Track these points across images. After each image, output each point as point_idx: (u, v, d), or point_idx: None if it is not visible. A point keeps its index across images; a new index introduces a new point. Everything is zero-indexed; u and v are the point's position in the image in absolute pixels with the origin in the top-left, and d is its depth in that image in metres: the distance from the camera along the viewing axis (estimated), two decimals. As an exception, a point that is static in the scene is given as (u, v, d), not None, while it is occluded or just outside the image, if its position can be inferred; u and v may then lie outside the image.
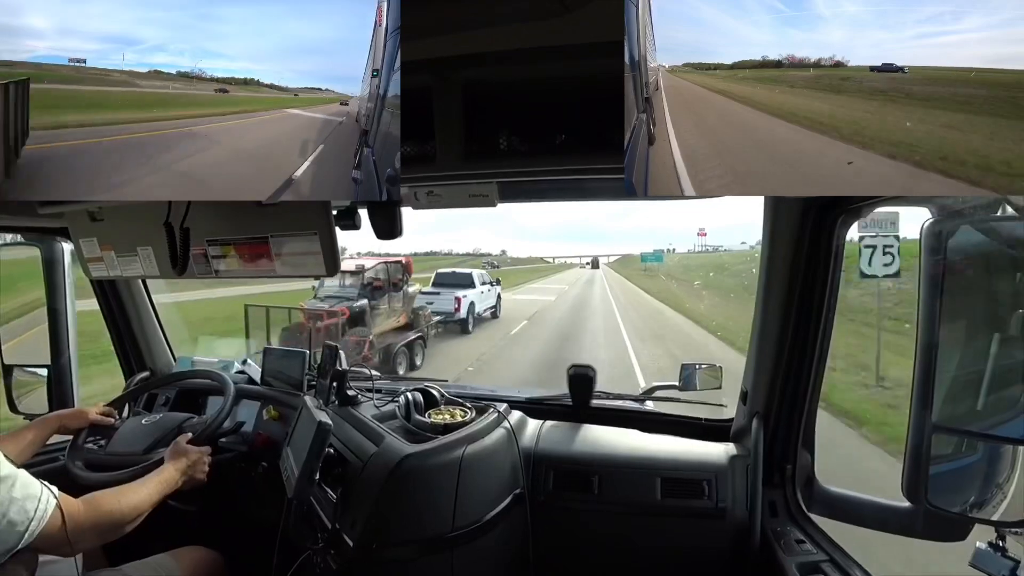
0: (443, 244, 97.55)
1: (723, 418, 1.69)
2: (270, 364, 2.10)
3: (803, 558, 1.27)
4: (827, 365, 1.39)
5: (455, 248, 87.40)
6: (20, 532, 1.09)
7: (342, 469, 1.45)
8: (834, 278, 1.31)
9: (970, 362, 0.96)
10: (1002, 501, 0.94)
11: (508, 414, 1.58)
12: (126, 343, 2.28)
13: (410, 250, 65.07)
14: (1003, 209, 0.92)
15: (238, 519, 1.92)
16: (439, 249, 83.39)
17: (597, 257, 72.25)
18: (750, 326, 1.47)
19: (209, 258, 1.45)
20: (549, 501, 1.50)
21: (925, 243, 0.95)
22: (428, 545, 1.33)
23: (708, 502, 1.44)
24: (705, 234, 24.71)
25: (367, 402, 1.74)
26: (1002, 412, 0.92)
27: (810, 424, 1.43)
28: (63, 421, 1.72)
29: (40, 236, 2.01)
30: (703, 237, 24.67)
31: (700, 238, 24.79)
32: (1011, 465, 0.94)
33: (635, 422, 1.70)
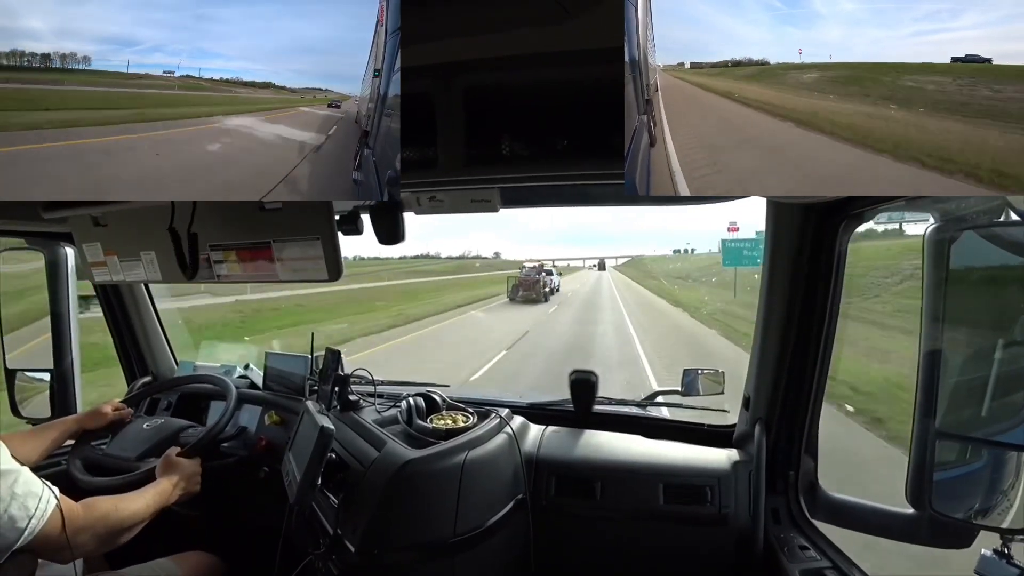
0: (433, 247, 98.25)
1: (726, 424, 1.69)
2: (272, 369, 2.10)
3: (807, 565, 1.27)
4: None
5: (443, 252, 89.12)
6: (20, 529, 1.09)
7: (344, 474, 1.45)
8: (837, 283, 1.31)
9: (974, 368, 0.95)
10: (1007, 508, 0.93)
11: (510, 419, 1.57)
12: (128, 347, 2.30)
13: (399, 254, 64.90)
14: (1007, 214, 0.92)
15: (239, 524, 1.92)
16: (429, 251, 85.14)
17: (604, 259, 75.88)
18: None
19: (212, 263, 1.45)
20: (551, 507, 1.49)
21: (928, 248, 0.95)
22: (430, 550, 1.32)
23: (711, 508, 1.43)
24: (737, 229, 22.08)
25: (369, 407, 1.74)
26: (1006, 418, 0.91)
27: (813, 430, 1.42)
28: (83, 423, 1.76)
29: (44, 241, 2.02)
30: (735, 233, 21.81)
31: (731, 234, 22.03)
32: (1016, 472, 0.93)
33: (637, 427, 1.70)
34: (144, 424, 1.84)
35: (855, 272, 5.29)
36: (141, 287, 2.23)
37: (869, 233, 9.30)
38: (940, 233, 0.94)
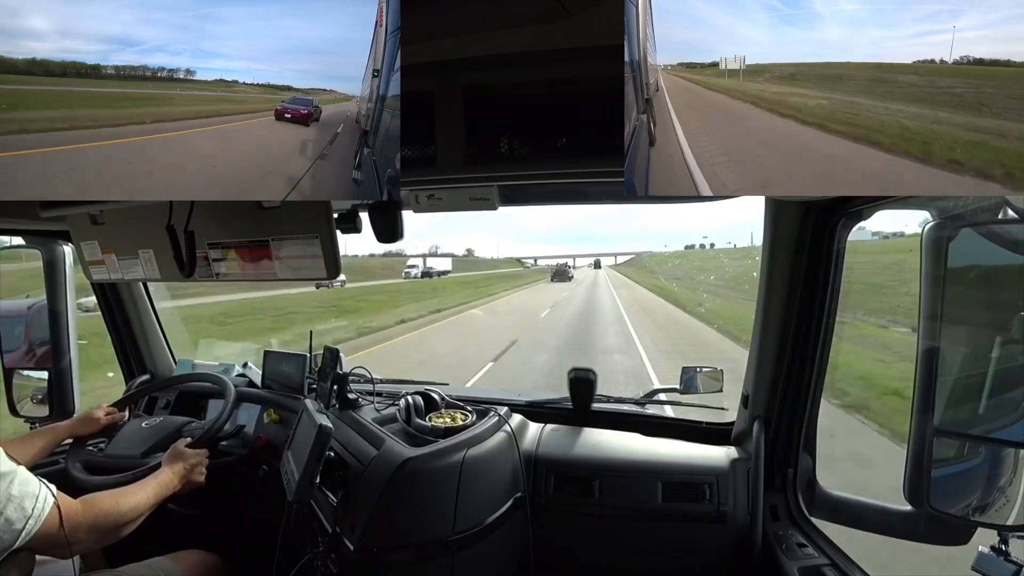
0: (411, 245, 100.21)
1: (724, 421, 1.69)
2: (271, 367, 2.10)
3: (805, 562, 1.27)
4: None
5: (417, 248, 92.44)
6: (17, 530, 1.09)
7: (342, 472, 1.45)
8: (835, 281, 1.31)
9: (971, 365, 0.95)
10: (1004, 504, 0.94)
11: (509, 417, 1.58)
12: (127, 346, 2.29)
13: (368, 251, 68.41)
14: (1004, 212, 0.92)
15: (238, 522, 1.92)
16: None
17: (599, 259, 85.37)
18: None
19: (210, 261, 1.45)
20: (550, 505, 1.49)
21: (926, 246, 0.95)
22: (429, 549, 1.32)
23: (709, 506, 1.44)
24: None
25: (367, 405, 1.74)
26: (1004, 415, 0.91)
27: (811, 427, 1.42)
28: (74, 429, 1.74)
29: (42, 239, 2.01)
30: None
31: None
32: (1013, 468, 0.94)
33: (636, 425, 1.70)
34: (143, 423, 1.83)
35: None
36: (139, 285, 2.22)
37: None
38: (938, 231, 0.95)
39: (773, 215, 1.33)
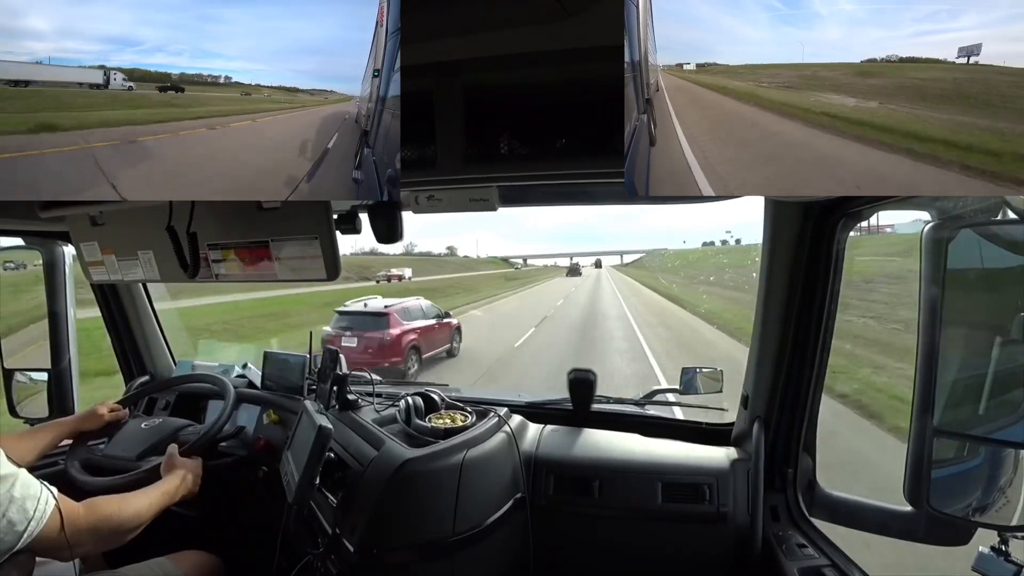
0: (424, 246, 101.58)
1: (724, 422, 1.69)
2: (270, 368, 2.10)
3: (805, 563, 1.27)
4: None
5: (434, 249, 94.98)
6: (19, 532, 1.09)
7: (342, 473, 1.45)
8: (835, 281, 1.31)
9: (971, 366, 0.95)
10: (1005, 505, 0.94)
11: (508, 418, 1.57)
12: (126, 347, 2.29)
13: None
14: (1004, 212, 0.92)
15: (238, 523, 1.92)
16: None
17: (599, 259, 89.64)
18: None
19: (210, 262, 1.45)
20: (550, 505, 1.49)
21: (926, 246, 0.95)
22: (428, 550, 1.32)
23: (709, 506, 1.43)
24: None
25: (367, 406, 1.74)
26: (1004, 416, 0.91)
27: (811, 428, 1.42)
28: (78, 425, 1.75)
29: (41, 240, 2.01)
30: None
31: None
32: (1013, 469, 0.94)
33: (636, 426, 1.70)
34: (142, 424, 1.83)
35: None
36: (139, 286, 2.22)
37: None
38: (938, 231, 0.94)
39: (773, 215, 1.33)
